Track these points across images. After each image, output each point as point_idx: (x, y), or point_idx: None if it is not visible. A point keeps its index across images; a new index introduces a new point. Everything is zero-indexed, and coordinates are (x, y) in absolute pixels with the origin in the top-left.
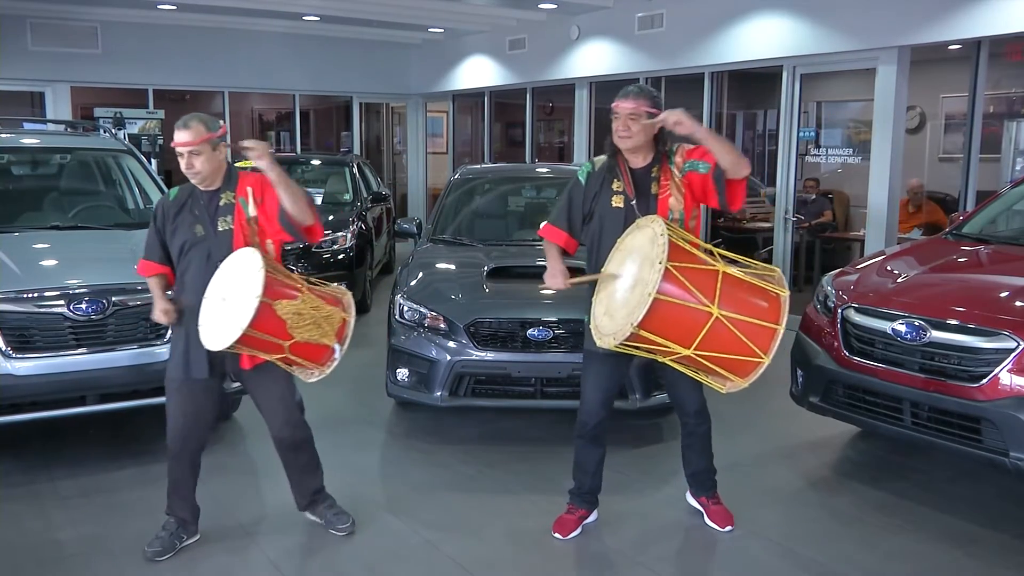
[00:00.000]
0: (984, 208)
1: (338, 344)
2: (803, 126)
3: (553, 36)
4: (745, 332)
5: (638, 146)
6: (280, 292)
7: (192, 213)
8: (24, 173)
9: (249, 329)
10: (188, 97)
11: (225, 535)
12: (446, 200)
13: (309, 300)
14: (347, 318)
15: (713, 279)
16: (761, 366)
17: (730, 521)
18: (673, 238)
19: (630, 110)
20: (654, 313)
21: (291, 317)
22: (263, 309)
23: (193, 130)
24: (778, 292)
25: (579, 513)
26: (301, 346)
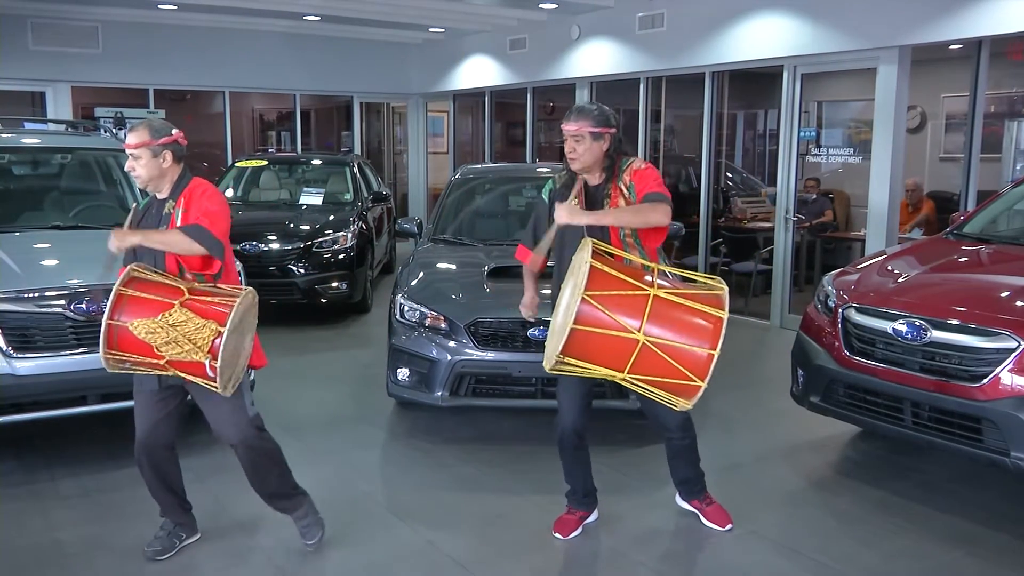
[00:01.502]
0: (985, 208)
1: (209, 359)
2: (804, 126)
3: (554, 36)
4: (677, 357)
5: (586, 166)
6: (138, 311)
7: (147, 221)
8: (25, 173)
9: (108, 351)
10: (188, 97)
11: (225, 535)
12: (447, 200)
13: (172, 316)
14: (221, 331)
15: (642, 304)
16: (700, 390)
17: (728, 519)
18: (596, 265)
19: (573, 131)
20: (575, 342)
21: (147, 336)
22: (117, 331)
23: (136, 133)
24: (718, 315)
25: (579, 514)
26: (178, 364)
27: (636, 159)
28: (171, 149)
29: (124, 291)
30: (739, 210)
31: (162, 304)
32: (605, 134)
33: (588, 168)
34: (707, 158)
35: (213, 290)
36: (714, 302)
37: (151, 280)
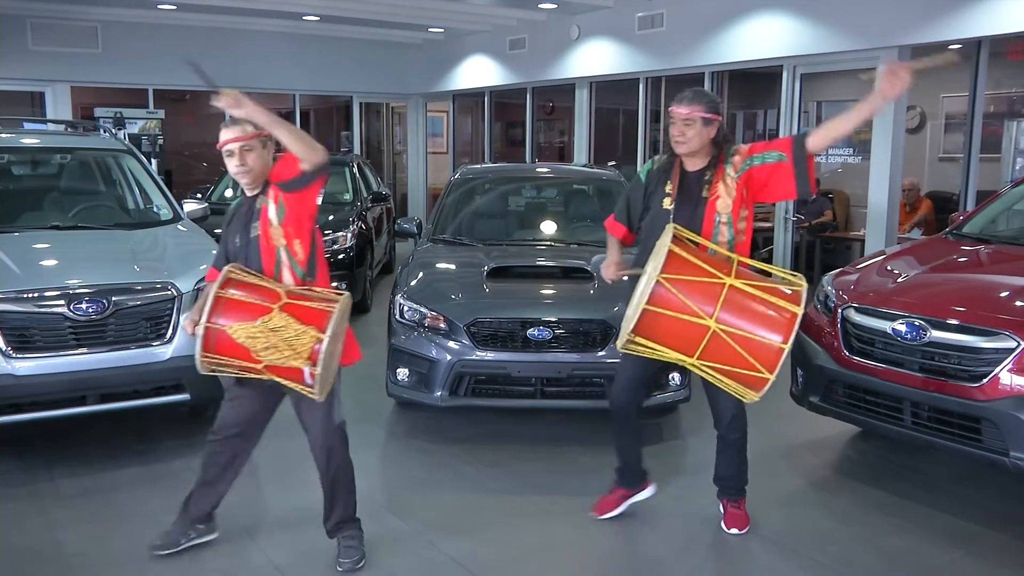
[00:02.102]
0: (984, 208)
1: (309, 366)
2: (803, 126)
3: (553, 36)
4: (747, 347)
5: (693, 151)
6: (237, 315)
7: (237, 221)
8: (24, 173)
9: (205, 355)
10: (188, 97)
11: (226, 536)
12: (446, 200)
13: (272, 321)
14: (321, 337)
15: (717, 292)
16: (768, 382)
17: (739, 525)
18: (675, 249)
19: (684, 115)
20: (647, 322)
21: (246, 341)
22: (217, 334)
23: (242, 127)
24: (793, 310)
25: (619, 492)
26: (274, 368)
27: (741, 144)
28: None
29: (222, 293)
30: None
31: (261, 308)
32: (715, 121)
33: (694, 153)
34: None
35: (309, 294)
36: (789, 297)
37: (248, 282)
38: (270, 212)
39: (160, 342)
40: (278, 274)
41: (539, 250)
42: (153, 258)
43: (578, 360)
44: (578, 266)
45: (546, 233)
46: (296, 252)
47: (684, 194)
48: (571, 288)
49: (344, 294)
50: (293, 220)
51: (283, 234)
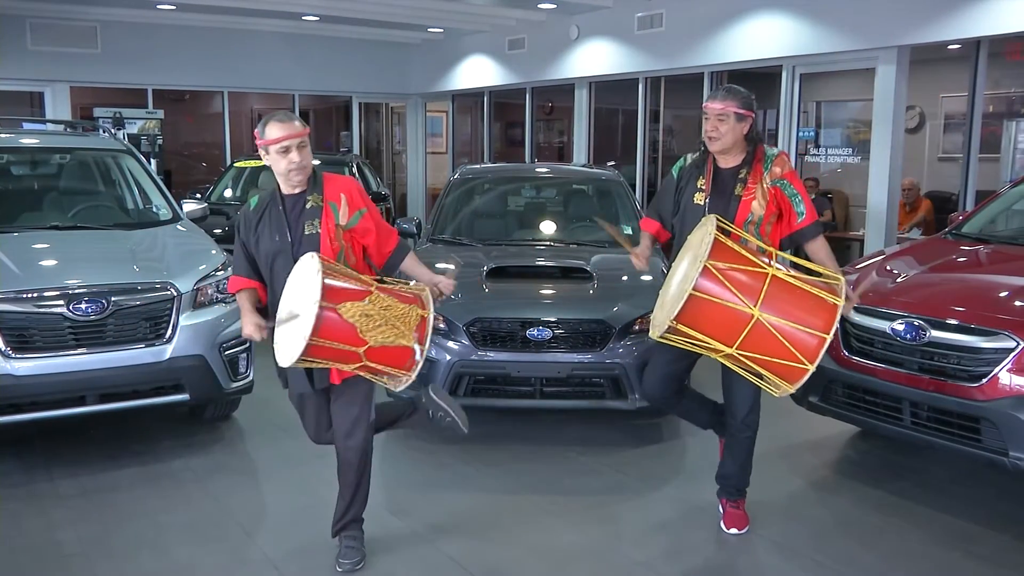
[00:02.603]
0: (984, 208)
1: (418, 344)
2: (803, 126)
3: (552, 36)
4: (789, 337)
5: (726, 147)
6: (344, 295)
7: (274, 220)
8: (23, 173)
9: (314, 339)
10: (188, 97)
11: (224, 535)
12: (445, 200)
13: (379, 300)
14: (426, 315)
15: (760, 281)
16: (807, 373)
17: (738, 525)
18: (720, 238)
19: (719, 111)
20: (692, 309)
21: (360, 320)
22: (326, 315)
23: (296, 123)
24: (833, 302)
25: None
26: (378, 351)
27: (782, 151)
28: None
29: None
30: None
31: (361, 291)
32: (748, 117)
33: (727, 149)
34: None
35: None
36: (830, 289)
37: (337, 269)
38: (337, 214)
39: (159, 342)
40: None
41: (538, 250)
42: (152, 258)
43: (578, 360)
44: (578, 266)
45: (545, 233)
46: (350, 257)
47: (717, 190)
48: (571, 288)
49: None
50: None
51: (346, 237)
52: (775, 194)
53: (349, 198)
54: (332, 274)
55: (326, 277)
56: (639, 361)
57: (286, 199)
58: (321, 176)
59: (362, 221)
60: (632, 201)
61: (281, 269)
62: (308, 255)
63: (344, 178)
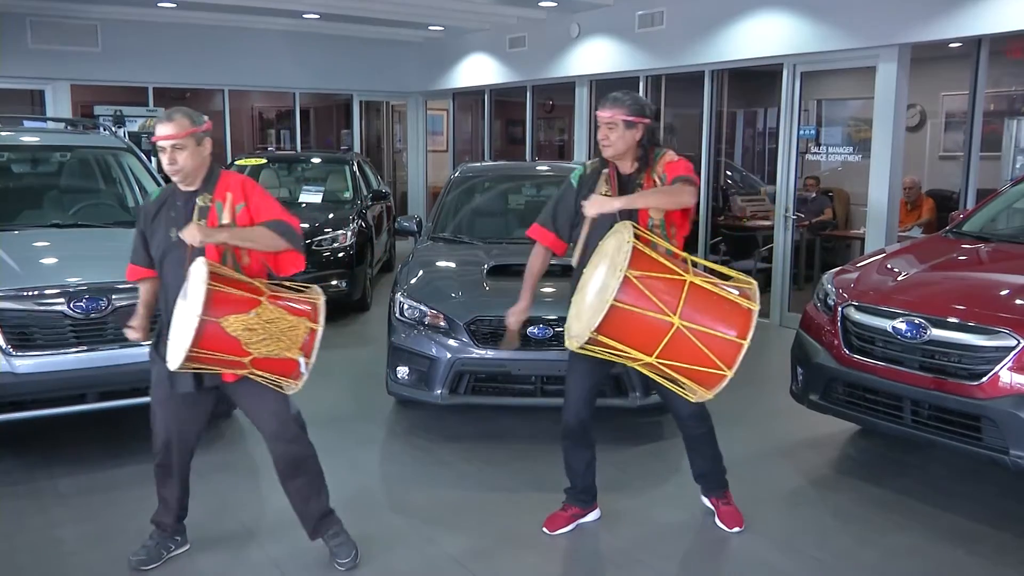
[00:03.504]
0: (984, 206)
1: (303, 357)
2: (803, 124)
3: (553, 34)
4: (708, 344)
5: (619, 153)
6: (229, 307)
7: (169, 215)
8: (24, 171)
9: (194, 349)
10: (188, 95)
11: (226, 533)
12: (446, 198)
13: (266, 312)
14: (315, 328)
15: (679, 289)
16: (725, 379)
17: (739, 522)
18: (638, 246)
19: (607, 119)
20: (612, 319)
21: (243, 334)
22: (208, 327)
23: (177, 123)
24: (748, 307)
25: (572, 511)
26: (263, 361)
27: (669, 151)
28: (209, 136)
29: (212, 286)
30: (739, 208)
31: (250, 300)
32: (639, 123)
33: (620, 156)
34: (707, 156)
35: (283, 287)
36: (743, 294)
37: (227, 275)
38: (221, 214)
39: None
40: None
41: None
42: None
43: None
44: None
45: None
46: (242, 257)
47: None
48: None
49: (315, 287)
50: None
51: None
52: None
53: (233, 195)
54: (221, 281)
55: (213, 285)
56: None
57: (181, 196)
58: (218, 174)
59: (239, 217)
60: None
61: (170, 266)
62: (199, 260)
63: (235, 175)
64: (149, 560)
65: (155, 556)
